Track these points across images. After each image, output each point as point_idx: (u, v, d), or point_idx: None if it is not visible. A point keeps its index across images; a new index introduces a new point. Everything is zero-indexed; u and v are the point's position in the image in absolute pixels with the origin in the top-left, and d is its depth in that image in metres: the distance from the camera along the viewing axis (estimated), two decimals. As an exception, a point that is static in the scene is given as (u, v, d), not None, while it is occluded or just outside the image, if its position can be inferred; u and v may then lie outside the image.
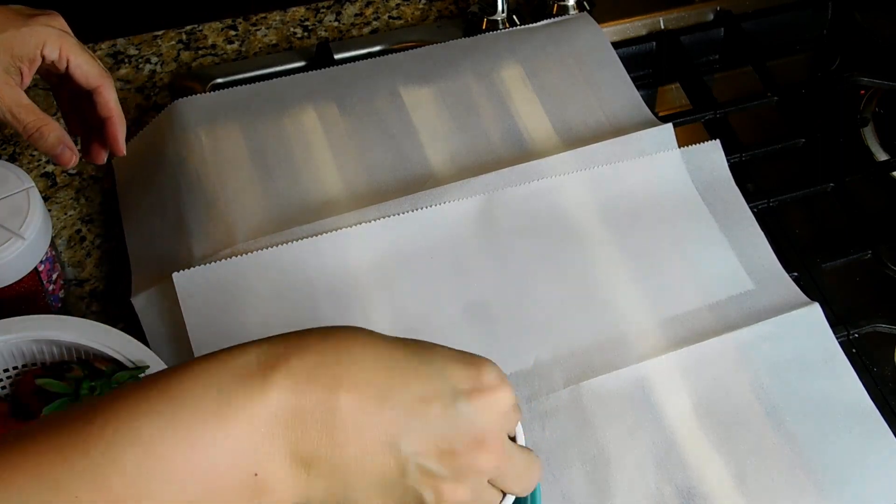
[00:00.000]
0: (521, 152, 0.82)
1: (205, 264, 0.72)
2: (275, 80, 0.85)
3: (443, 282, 0.74)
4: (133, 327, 0.75)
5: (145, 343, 0.69)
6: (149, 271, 0.75)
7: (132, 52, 0.93)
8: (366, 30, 0.96)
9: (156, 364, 0.65)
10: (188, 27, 0.95)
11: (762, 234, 0.79)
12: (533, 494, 0.63)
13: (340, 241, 0.74)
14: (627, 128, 0.84)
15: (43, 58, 0.67)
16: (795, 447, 0.68)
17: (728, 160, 0.83)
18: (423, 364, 0.45)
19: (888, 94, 0.94)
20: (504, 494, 0.50)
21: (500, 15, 0.93)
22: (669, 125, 0.83)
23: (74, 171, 0.84)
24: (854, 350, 0.74)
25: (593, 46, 0.90)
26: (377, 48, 0.93)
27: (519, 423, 0.61)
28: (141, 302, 0.73)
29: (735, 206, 0.81)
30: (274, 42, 0.95)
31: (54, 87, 0.73)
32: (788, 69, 0.99)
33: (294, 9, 0.97)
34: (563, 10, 0.94)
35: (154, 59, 0.93)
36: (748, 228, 0.79)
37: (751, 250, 0.78)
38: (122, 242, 0.80)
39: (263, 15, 0.97)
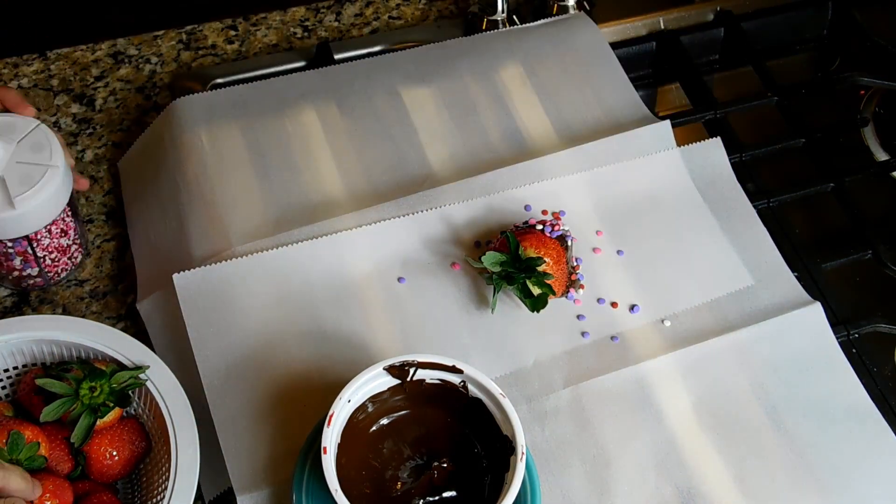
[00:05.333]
0: (521, 151, 0.82)
1: (205, 266, 0.72)
2: (274, 79, 0.85)
3: (442, 283, 0.74)
4: (133, 327, 0.76)
5: (149, 345, 0.69)
6: (153, 276, 0.75)
7: (132, 52, 0.93)
8: (366, 30, 0.96)
9: (155, 364, 0.66)
10: (188, 27, 0.95)
11: (765, 229, 0.79)
12: (533, 494, 0.63)
13: (340, 245, 0.74)
14: (625, 125, 0.84)
15: None
16: (795, 447, 0.68)
17: (728, 160, 0.83)
18: None
19: (888, 94, 0.94)
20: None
21: (500, 15, 0.93)
22: (667, 122, 0.83)
23: (74, 171, 0.84)
24: (854, 350, 0.74)
25: (591, 45, 0.90)
26: (377, 48, 0.93)
27: (519, 424, 0.61)
28: (146, 307, 0.73)
29: (737, 203, 0.81)
30: (274, 42, 0.95)
31: None
32: (788, 69, 0.99)
33: (294, 9, 0.97)
34: (563, 10, 0.94)
35: (154, 59, 0.93)
36: (750, 225, 0.79)
37: (753, 246, 0.78)
38: (122, 242, 0.80)
39: (263, 15, 0.97)
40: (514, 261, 0.70)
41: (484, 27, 0.93)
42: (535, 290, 0.70)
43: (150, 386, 0.65)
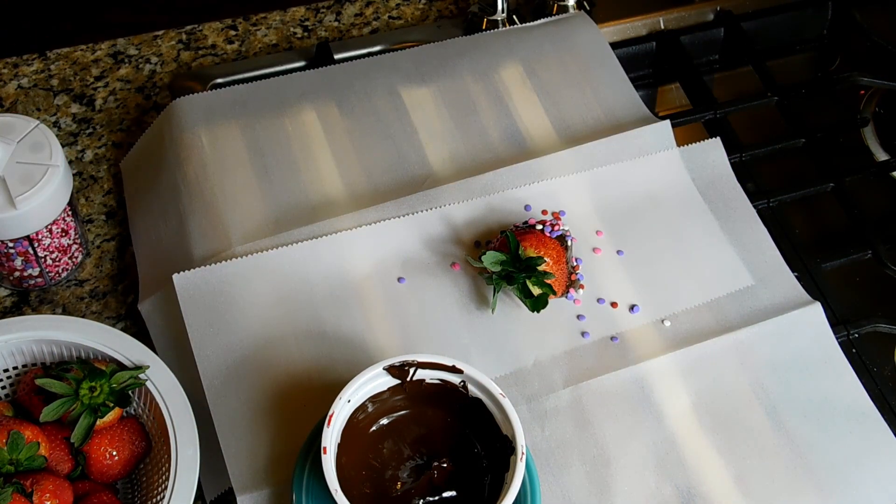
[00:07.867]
0: (521, 151, 0.82)
1: (205, 266, 0.72)
2: (274, 79, 0.85)
3: (442, 283, 0.74)
4: (133, 327, 0.76)
5: (149, 346, 0.69)
6: (153, 276, 0.75)
7: (132, 52, 0.93)
8: (366, 30, 0.96)
9: (155, 364, 0.66)
10: (188, 27, 0.95)
11: (765, 229, 0.79)
12: (533, 494, 0.63)
13: (340, 245, 0.74)
14: (625, 125, 0.84)
15: None
16: (795, 447, 0.68)
17: (728, 160, 0.83)
18: None
19: (888, 94, 0.94)
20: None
21: (500, 15, 0.93)
22: (667, 122, 0.83)
23: (75, 171, 0.84)
24: (854, 350, 0.74)
25: (591, 45, 0.90)
26: (377, 48, 0.93)
27: (519, 424, 0.61)
28: (147, 307, 0.73)
29: (737, 203, 0.81)
30: (274, 42, 0.95)
31: None
32: (788, 69, 0.99)
33: (294, 9, 0.97)
34: (563, 9, 0.94)
35: (154, 59, 0.93)
36: (750, 225, 0.79)
37: (753, 246, 0.78)
38: (122, 242, 0.80)
39: (263, 15, 0.97)
40: (514, 261, 0.70)
41: (484, 27, 0.93)
42: (535, 290, 0.70)
43: (150, 386, 0.65)
